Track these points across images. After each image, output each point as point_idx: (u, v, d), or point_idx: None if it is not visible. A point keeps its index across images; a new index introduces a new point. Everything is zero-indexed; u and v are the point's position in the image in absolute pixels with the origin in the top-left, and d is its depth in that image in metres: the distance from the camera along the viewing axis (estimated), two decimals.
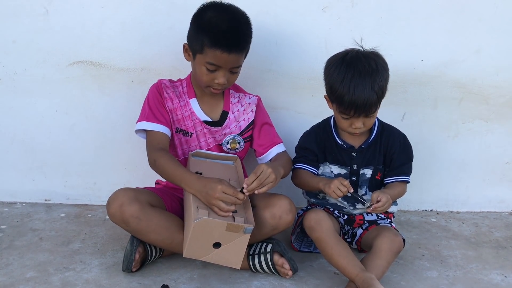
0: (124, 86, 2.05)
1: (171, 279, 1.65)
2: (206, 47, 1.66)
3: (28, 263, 1.71)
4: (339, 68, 1.67)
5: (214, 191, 1.54)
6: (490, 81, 2.13)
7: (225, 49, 1.65)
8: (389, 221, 1.83)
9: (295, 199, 1.77)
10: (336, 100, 1.69)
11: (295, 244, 1.87)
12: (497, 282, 1.72)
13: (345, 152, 1.82)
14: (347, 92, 1.63)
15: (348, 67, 1.65)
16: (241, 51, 1.71)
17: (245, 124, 1.87)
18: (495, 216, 2.25)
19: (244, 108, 1.87)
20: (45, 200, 2.19)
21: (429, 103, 2.15)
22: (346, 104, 1.64)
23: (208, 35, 1.65)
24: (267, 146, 1.87)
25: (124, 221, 1.61)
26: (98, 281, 1.62)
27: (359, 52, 1.70)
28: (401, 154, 1.81)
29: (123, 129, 2.05)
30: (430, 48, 2.09)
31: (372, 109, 1.66)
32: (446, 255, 1.89)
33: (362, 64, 1.65)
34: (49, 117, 2.09)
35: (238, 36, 1.69)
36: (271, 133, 1.89)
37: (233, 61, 1.70)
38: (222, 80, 1.72)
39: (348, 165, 1.82)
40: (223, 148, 1.85)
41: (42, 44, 2.00)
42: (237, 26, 1.69)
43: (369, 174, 1.82)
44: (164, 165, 1.67)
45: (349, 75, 1.64)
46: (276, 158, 1.85)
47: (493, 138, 2.21)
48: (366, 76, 1.63)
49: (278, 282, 1.66)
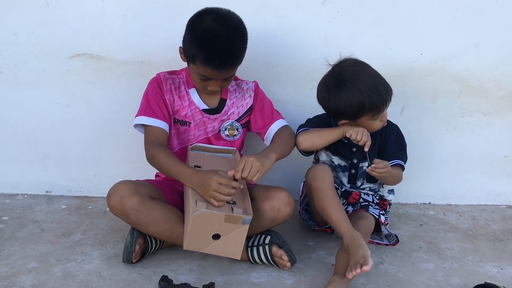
0: (124, 79, 2.06)
1: (171, 270, 1.67)
2: (198, 61, 1.67)
3: (30, 254, 1.73)
4: (331, 88, 1.75)
5: (210, 183, 1.55)
6: (489, 75, 2.14)
7: (216, 68, 1.66)
8: (378, 212, 1.85)
9: (294, 192, 1.78)
10: (344, 117, 1.78)
11: (304, 215, 1.94)
12: (493, 274, 1.73)
13: (345, 146, 1.85)
14: (349, 104, 1.72)
15: (336, 83, 1.75)
16: (233, 67, 1.72)
17: (243, 110, 1.88)
18: (493, 209, 2.27)
19: (242, 94, 1.88)
20: (46, 192, 2.21)
21: (428, 97, 2.16)
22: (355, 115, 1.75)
23: (201, 53, 1.65)
24: (266, 124, 1.87)
25: (124, 214, 1.63)
26: (99, 272, 1.64)
27: (335, 69, 1.79)
28: (394, 143, 1.86)
29: (123, 121, 2.06)
30: (429, 41, 2.09)
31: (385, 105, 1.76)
32: (443, 248, 1.91)
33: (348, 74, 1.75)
34: (50, 110, 2.10)
35: (230, 55, 1.67)
36: (269, 111, 1.89)
37: (225, 75, 1.71)
38: (214, 88, 1.74)
39: (348, 158, 1.85)
40: (221, 135, 1.86)
41: (42, 36, 2.01)
42: (230, 44, 1.66)
43: (365, 166, 1.85)
44: (161, 161, 1.68)
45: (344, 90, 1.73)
46: (277, 135, 1.84)
47: (492, 132, 2.22)
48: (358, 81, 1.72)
49: (276, 274, 1.68)
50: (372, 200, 1.88)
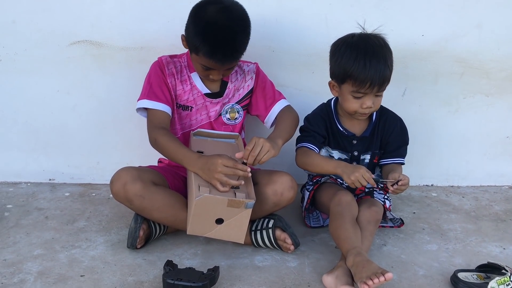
0: (124, 65, 2.05)
1: (176, 255, 1.68)
2: (201, 54, 1.66)
3: (35, 241, 1.74)
4: (350, 48, 1.67)
5: (216, 166, 1.55)
6: (491, 55, 2.12)
7: (219, 61, 1.66)
8: (383, 197, 1.84)
9: (296, 175, 1.78)
10: (350, 78, 1.66)
11: (307, 221, 1.90)
12: (495, 254, 1.74)
13: (346, 139, 1.83)
14: (363, 67, 1.63)
15: (358, 45, 1.66)
16: (236, 59, 1.71)
17: (244, 92, 1.87)
18: (495, 190, 2.27)
19: (243, 76, 1.87)
20: (49, 179, 2.21)
21: (430, 78, 2.15)
22: (362, 79, 1.64)
23: (204, 46, 1.63)
24: (268, 106, 1.86)
25: (127, 200, 1.64)
26: (104, 258, 1.65)
27: (362, 33, 1.72)
28: (397, 137, 1.83)
29: (124, 108, 2.06)
30: (431, 23, 2.07)
31: (385, 83, 1.67)
32: (446, 229, 1.91)
33: (372, 41, 1.67)
34: (51, 98, 2.10)
35: (234, 48, 1.67)
36: (271, 92, 1.88)
37: (227, 66, 1.71)
38: (216, 77, 1.74)
39: (348, 151, 1.84)
40: (222, 119, 1.86)
41: (41, 24, 2.00)
42: (234, 37, 1.65)
43: (367, 159, 1.84)
44: (164, 144, 1.68)
45: (361, 52, 1.65)
46: (280, 117, 1.83)
47: (493, 113, 2.21)
48: (378, 51, 1.66)
49: (280, 257, 1.69)
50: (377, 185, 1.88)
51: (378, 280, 1.39)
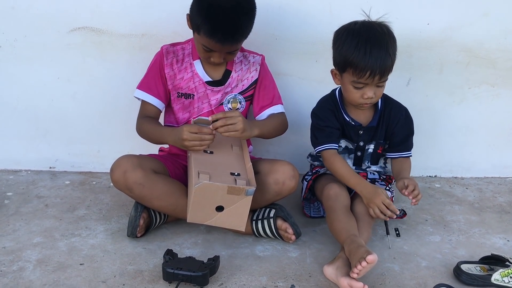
0: (125, 53, 2.03)
1: (176, 244, 1.67)
2: (202, 32, 1.64)
3: (35, 229, 1.73)
4: (351, 36, 1.63)
5: (182, 134, 1.58)
6: (497, 44, 2.09)
7: (219, 42, 1.63)
8: (385, 187, 1.82)
9: (298, 165, 1.77)
10: (350, 67, 1.63)
11: (306, 211, 1.89)
12: (499, 246, 1.73)
13: (353, 129, 1.80)
14: (363, 55, 1.59)
15: (359, 33, 1.63)
16: (237, 42, 1.69)
17: (248, 83, 1.85)
18: (500, 182, 2.25)
19: (248, 67, 1.85)
20: (49, 167, 2.20)
21: (435, 68, 2.12)
22: (362, 67, 1.60)
23: (205, 24, 1.62)
24: (263, 106, 1.84)
25: (127, 188, 1.63)
26: (104, 246, 1.64)
27: (366, 21, 1.68)
28: (403, 128, 1.80)
29: (125, 96, 2.03)
30: (436, 11, 2.04)
31: (386, 72, 1.64)
32: (449, 220, 1.90)
33: (375, 29, 1.64)
34: (51, 85, 2.08)
35: (235, 29, 1.64)
36: (271, 94, 1.86)
37: (228, 48, 1.68)
38: (217, 60, 1.72)
39: (355, 141, 1.82)
40: (224, 109, 1.84)
41: (41, 10, 1.97)
42: (235, 18, 1.62)
43: (371, 149, 1.82)
44: (145, 128, 1.75)
45: (363, 39, 1.61)
46: (270, 116, 1.82)
47: (499, 103, 2.18)
48: (380, 39, 1.62)
49: (281, 247, 1.68)
50: (378, 176, 1.86)
51: (360, 266, 1.39)
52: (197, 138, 1.58)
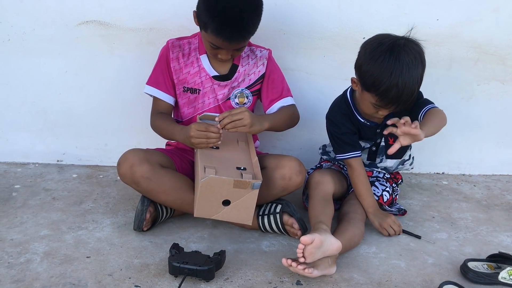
0: (133, 47, 2.03)
1: (182, 238, 1.68)
2: (210, 30, 1.63)
3: (42, 222, 1.74)
4: (381, 63, 1.55)
5: (189, 132, 1.59)
6: (507, 40, 2.07)
7: (227, 40, 1.63)
8: (384, 188, 1.82)
9: (306, 160, 1.76)
10: (376, 94, 1.59)
11: (306, 203, 1.88)
12: (507, 244, 1.72)
13: (369, 130, 1.79)
14: (395, 86, 1.54)
15: (396, 59, 1.54)
16: (244, 39, 1.68)
17: (255, 77, 1.84)
18: (508, 179, 2.23)
19: (255, 61, 1.84)
20: (57, 161, 2.21)
21: (444, 64, 2.10)
22: (387, 101, 1.58)
23: (212, 22, 1.61)
24: (273, 100, 1.83)
25: (134, 182, 1.63)
26: (110, 240, 1.65)
27: (400, 41, 1.58)
28: (415, 106, 1.71)
29: (133, 90, 2.04)
30: (446, 6, 2.02)
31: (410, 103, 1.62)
32: (456, 218, 1.88)
33: (409, 57, 1.56)
34: (59, 78, 2.08)
35: (242, 27, 1.63)
36: (280, 87, 1.85)
37: (235, 46, 1.68)
38: (224, 57, 1.72)
39: (373, 140, 1.81)
40: (231, 103, 1.84)
41: (49, 3, 1.98)
42: (242, 16, 1.62)
43: (382, 142, 1.82)
44: (158, 125, 1.77)
45: (396, 74, 1.53)
46: (281, 109, 1.82)
47: (509, 100, 2.16)
48: (413, 71, 1.55)
49: (287, 242, 1.68)
50: (382, 176, 1.85)
51: (299, 249, 1.41)
52: (203, 136, 1.59)
